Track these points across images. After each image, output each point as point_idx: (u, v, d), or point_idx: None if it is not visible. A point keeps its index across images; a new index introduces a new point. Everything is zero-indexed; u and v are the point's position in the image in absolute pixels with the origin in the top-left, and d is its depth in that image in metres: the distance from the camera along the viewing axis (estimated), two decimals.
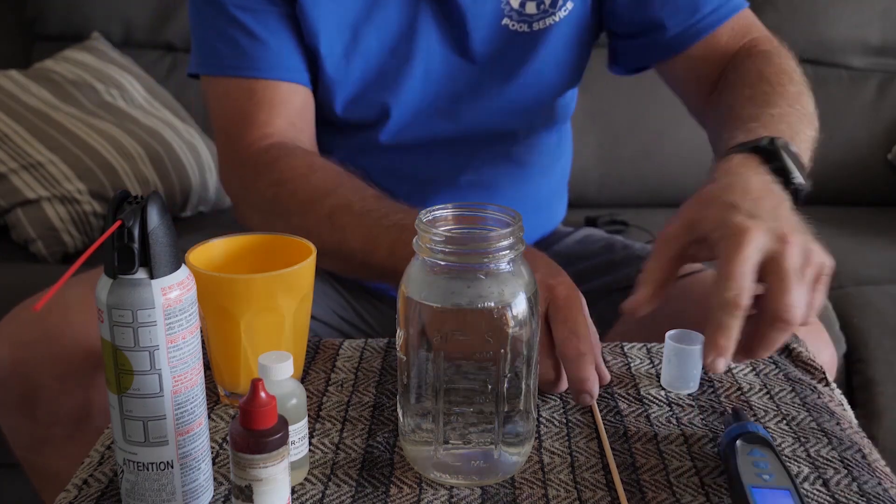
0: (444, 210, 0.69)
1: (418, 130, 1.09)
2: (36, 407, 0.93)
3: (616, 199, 2.03)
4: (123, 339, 0.60)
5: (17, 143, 1.71)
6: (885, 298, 1.53)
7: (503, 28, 1.04)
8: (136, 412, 0.62)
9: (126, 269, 0.59)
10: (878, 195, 2.01)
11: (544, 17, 1.05)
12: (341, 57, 1.03)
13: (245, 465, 0.59)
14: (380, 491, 0.68)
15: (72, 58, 1.92)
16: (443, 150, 1.11)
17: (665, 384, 0.83)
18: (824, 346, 0.97)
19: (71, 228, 1.67)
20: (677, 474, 0.70)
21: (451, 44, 1.05)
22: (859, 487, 0.68)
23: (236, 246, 0.81)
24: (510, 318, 0.65)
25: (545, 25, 1.05)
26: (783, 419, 0.78)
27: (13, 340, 0.93)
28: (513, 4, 1.03)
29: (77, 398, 0.92)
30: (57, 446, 0.93)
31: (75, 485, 0.69)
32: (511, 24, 1.04)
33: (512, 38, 1.05)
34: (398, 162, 1.10)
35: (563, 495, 0.68)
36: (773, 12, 2.01)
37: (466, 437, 0.68)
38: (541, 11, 1.04)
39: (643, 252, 1.15)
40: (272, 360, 0.67)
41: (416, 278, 0.67)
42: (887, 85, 2.01)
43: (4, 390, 0.94)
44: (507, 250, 0.65)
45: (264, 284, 0.74)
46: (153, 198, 0.60)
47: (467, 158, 1.12)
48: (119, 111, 1.83)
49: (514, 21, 1.04)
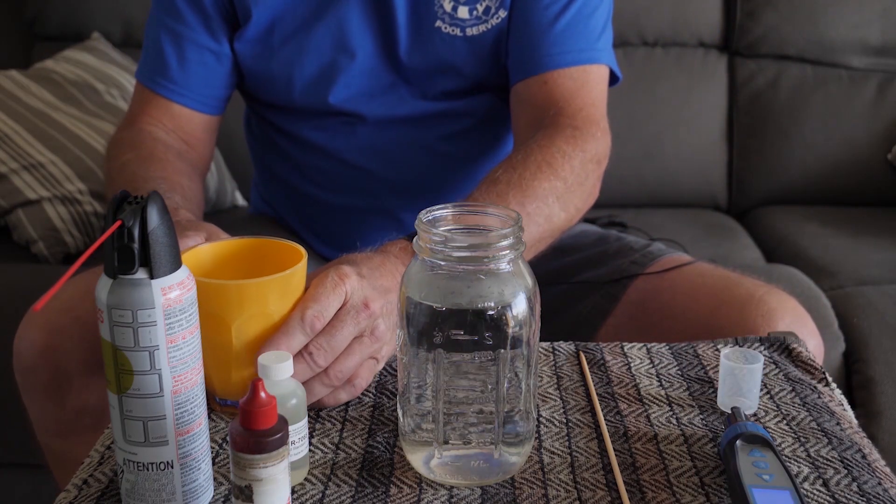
0: (443, 210, 0.69)
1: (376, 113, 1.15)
2: (65, 394, 0.94)
3: (616, 200, 2.02)
4: (123, 339, 0.60)
5: (17, 144, 1.71)
6: (885, 298, 1.53)
7: (436, 30, 1.10)
8: (136, 412, 0.62)
9: (126, 269, 0.59)
10: (878, 195, 2.01)
11: (477, 23, 1.09)
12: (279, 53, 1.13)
13: (245, 465, 0.59)
14: (380, 491, 0.68)
15: (72, 58, 1.92)
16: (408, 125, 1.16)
17: (722, 405, 0.80)
18: (809, 335, 0.97)
19: (72, 229, 1.67)
20: (677, 474, 0.71)
21: (381, 42, 1.11)
22: (859, 487, 0.68)
23: (226, 251, 0.80)
24: (510, 318, 0.65)
25: (478, 32, 1.10)
26: (783, 419, 0.78)
27: (45, 327, 0.94)
28: (446, 8, 1.09)
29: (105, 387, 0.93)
30: (83, 434, 0.93)
31: (75, 485, 0.69)
32: (444, 28, 1.10)
33: (444, 39, 1.10)
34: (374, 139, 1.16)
35: (563, 495, 0.68)
36: (773, 12, 2.01)
37: (466, 438, 0.68)
38: (473, 17, 1.09)
39: (636, 244, 1.16)
40: (272, 360, 0.67)
41: (415, 278, 0.67)
42: (887, 85, 2.01)
43: (33, 376, 0.95)
44: (506, 250, 0.65)
45: (256, 290, 0.73)
46: (153, 198, 0.60)
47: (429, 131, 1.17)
48: (120, 111, 1.83)
49: (447, 24, 1.09)
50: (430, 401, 0.67)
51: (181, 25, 1.13)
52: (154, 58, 1.15)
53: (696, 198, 2.05)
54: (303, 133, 1.18)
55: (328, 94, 1.13)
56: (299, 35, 1.11)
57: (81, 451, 0.82)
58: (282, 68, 1.13)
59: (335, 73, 1.12)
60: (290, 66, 1.13)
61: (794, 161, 2.01)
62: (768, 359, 0.87)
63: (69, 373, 0.93)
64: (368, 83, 1.14)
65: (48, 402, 0.96)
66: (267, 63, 1.13)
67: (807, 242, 1.80)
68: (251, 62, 1.14)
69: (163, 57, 1.14)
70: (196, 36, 1.13)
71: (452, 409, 0.67)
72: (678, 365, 0.87)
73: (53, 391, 0.95)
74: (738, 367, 0.78)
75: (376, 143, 1.16)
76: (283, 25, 1.11)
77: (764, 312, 0.97)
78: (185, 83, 1.14)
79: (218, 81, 1.16)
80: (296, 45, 1.12)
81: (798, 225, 1.89)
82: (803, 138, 2.00)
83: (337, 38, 1.11)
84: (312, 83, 1.13)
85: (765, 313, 0.97)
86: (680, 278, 1.06)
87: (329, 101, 1.14)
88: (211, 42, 1.13)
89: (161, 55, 1.14)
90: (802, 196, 2.03)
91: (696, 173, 2.03)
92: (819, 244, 1.79)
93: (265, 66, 1.14)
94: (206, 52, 1.14)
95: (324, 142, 1.17)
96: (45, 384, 0.95)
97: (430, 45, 1.11)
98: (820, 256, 1.73)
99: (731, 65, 2.05)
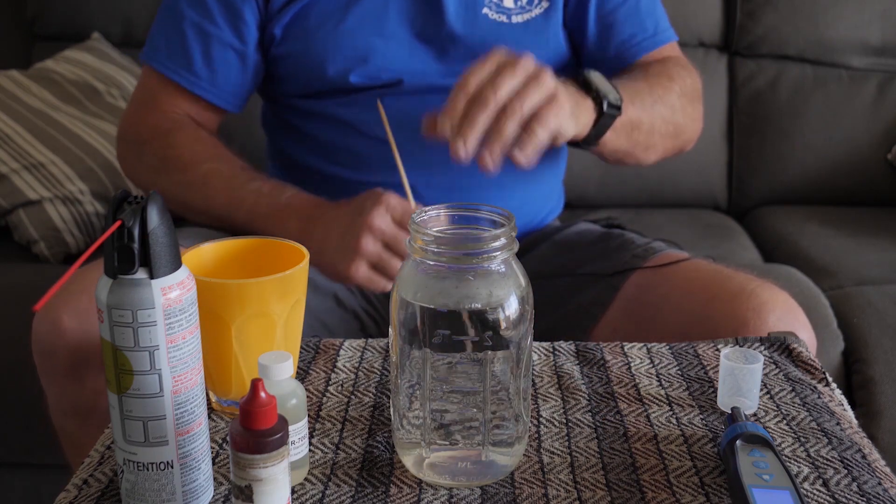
0: (436, 210, 0.69)
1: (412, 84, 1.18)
2: (84, 374, 0.95)
3: (616, 200, 2.03)
4: (123, 339, 0.60)
5: (18, 144, 1.71)
6: (885, 298, 1.53)
7: (483, 17, 1.15)
8: (136, 412, 0.62)
9: (126, 269, 0.59)
10: (878, 195, 2.01)
11: (521, 12, 1.15)
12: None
13: (245, 465, 0.59)
14: (380, 491, 0.68)
15: (72, 58, 1.92)
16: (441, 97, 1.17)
17: (722, 405, 0.80)
18: (802, 327, 0.97)
19: (73, 229, 1.67)
20: (677, 474, 0.71)
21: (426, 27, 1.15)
22: (859, 487, 0.68)
23: (227, 250, 0.80)
24: (502, 320, 0.65)
25: (523, 20, 1.16)
26: (783, 419, 0.78)
27: (65, 308, 0.95)
28: None
29: None
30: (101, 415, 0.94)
31: (75, 485, 0.69)
32: (491, 14, 1.15)
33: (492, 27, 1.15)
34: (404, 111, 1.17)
35: (563, 495, 0.68)
36: (773, 12, 2.01)
37: (453, 439, 0.68)
38: (518, 6, 1.16)
39: (638, 240, 1.17)
40: (272, 360, 0.67)
41: (408, 278, 0.67)
42: (887, 85, 2.01)
43: (53, 357, 0.96)
44: (499, 251, 0.65)
45: (257, 289, 0.73)
46: (153, 198, 0.60)
47: None
48: (120, 111, 1.83)
49: (494, 12, 1.15)
50: (419, 401, 0.67)
51: (208, 22, 1.14)
52: (178, 49, 1.16)
53: (695, 198, 2.05)
54: (329, 110, 1.18)
55: (364, 74, 1.14)
56: (336, 16, 1.13)
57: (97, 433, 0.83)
58: (317, 51, 1.14)
59: (372, 56, 1.14)
60: (325, 49, 1.14)
61: (794, 161, 2.01)
62: (768, 359, 0.87)
63: (89, 354, 0.94)
64: (406, 63, 1.15)
65: (68, 382, 0.97)
66: (303, 45, 1.14)
67: (806, 242, 1.80)
68: (285, 46, 1.15)
69: (187, 51, 1.15)
70: (222, 34, 1.14)
71: (442, 409, 0.67)
72: (678, 365, 0.87)
73: (73, 372, 0.96)
74: (738, 367, 0.78)
75: (406, 115, 1.16)
76: (319, 7, 1.13)
77: (755, 305, 0.98)
78: (211, 79, 1.16)
79: (244, 79, 1.18)
80: (332, 27, 1.13)
81: (798, 225, 1.89)
82: (803, 138, 2.00)
83: (376, 21, 1.13)
84: (347, 65, 1.14)
85: (756, 306, 0.97)
86: (674, 274, 1.07)
87: (364, 79, 1.15)
88: (237, 42, 1.15)
89: (186, 49, 1.15)
90: (802, 196, 2.02)
91: (696, 173, 2.03)
92: (819, 244, 1.78)
93: (301, 49, 1.15)
94: (230, 51, 1.15)
95: (351, 117, 1.17)
96: (65, 365, 0.96)
97: (477, 30, 1.14)
98: (819, 256, 1.73)
99: (731, 65, 2.05)
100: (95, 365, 0.94)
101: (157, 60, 1.18)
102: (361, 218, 0.99)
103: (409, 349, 0.66)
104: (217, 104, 1.18)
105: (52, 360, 0.97)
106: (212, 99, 1.18)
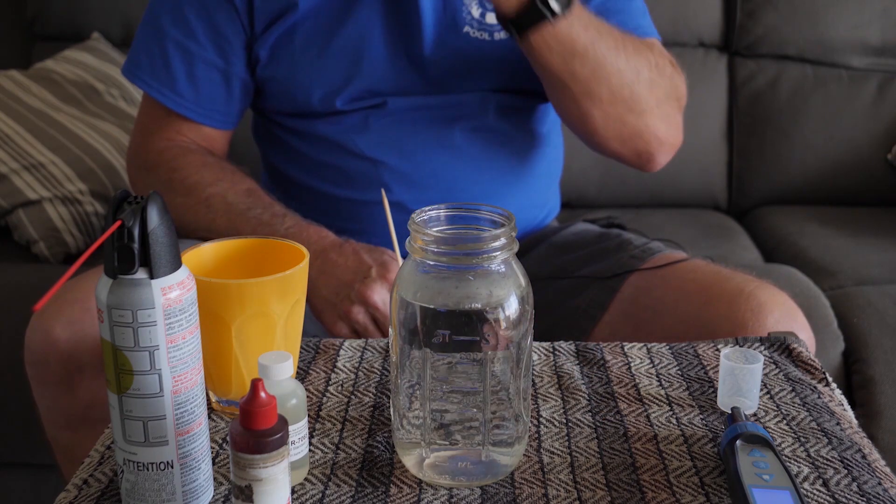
0: (436, 210, 0.69)
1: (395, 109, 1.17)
2: (77, 385, 0.95)
3: (616, 200, 2.03)
4: (123, 339, 0.60)
5: (18, 144, 1.71)
6: (885, 298, 1.53)
7: (465, 35, 1.13)
8: (136, 412, 0.62)
9: (126, 269, 0.59)
10: (878, 195, 2.00)
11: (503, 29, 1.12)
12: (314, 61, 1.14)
13: (245, 465, 0.59)
14: (380, 491, 0.68)
15: (72, 58, 1.92)
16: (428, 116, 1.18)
17: (722, 405, 0.80)
18: (800, 328, 0.98)
19: (73, 229, 1.67)
20: (677, 474, 0.71)
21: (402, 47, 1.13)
22: (859, 487, 0.68)
23: (227, 250, 0.80)
24: (502, 320, 0.65)
25: (505, 36, 1.12)
26: (783, 419, 0.78)
27: (58, 318, 0.95)
28: (474, 14, 1.12)
29: None
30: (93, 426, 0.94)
31: (75, 485, 0.69)
32: (472, 33, 1.13)
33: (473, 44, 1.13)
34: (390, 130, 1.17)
35: (563, 495, 0.68)
36: (773, 12, 2.01)
37: (453, 439, 0.68)
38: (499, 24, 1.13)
39: (636, 241, 1.16)
40: (272, 360, 0.67)
41: (408, 278, 0.67)
42: (887, 85, 2.01)
43: (45, 367, 0.96)
44: (499, 251, 0.65)
45: (257, 289, 0.73)
46: (153, 198, 0.60)
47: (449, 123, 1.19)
48: (120, 111, 1.83)
49: (475, 30, 1.13)
50: (419, 401, 0.67)
51: (191, 41, 1.13)
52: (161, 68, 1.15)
53: (695, 198, 2.05)
54: (316, 129, 1.18)
55: (349, 97, 1.14)
56: (319, 40, 1.12)
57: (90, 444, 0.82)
58: (302, 78, 1.13)
59: (357, 79, 1.13)
60: (309, 77, 1.13)
61: (794, 161, 2.01)
62: (768, 359, 0.87)
63: (82, 364, 0.94)
64: (390, 84, 1.14)
65: (59, 393, 0.97)
66: (288, 70, 1.14)
67: (806, 242, 1.80)
68: (271, 69, 1.14)
69: (170, 70, 1.14)
70: (206, 53, 1.14)
71: (442, 409, 0.67)
72: (678, 365, 0.87)
73: (65, 382, 0.96)
74: (738, 367, 0.78)
75: (393, 134, 1.16)
76: (303, 28, 1.12)
77: (754, 307, 0.98)
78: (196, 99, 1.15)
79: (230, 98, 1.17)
80: (315, 54, 1.12)
81: (798, 225, 1.89)
82: (803, 138, 2.00)
83: (359, 44, 1.12)
84: (333, 90, 1.14)
85: (755, 308, 0.97)
86: (672, 275, 1.07)
87: (349, 103, 1.14)
88: (220, 61, 1.14)
89: (169, 67, 1.14)
90: (802, 196, 2.02)
91: (696, 173, 2.03)
92: (819, 244, 1.78)
93: (286, 74, 1.14)
94: (213, 70, 1.14)
95: (338, 136, 1.17)
96: (57, 375, 0.95)
97: (458, 49, 1.13)
98: (820, 256, 1.73)
99: (731, 65, 2.05)
100: (87, 375, 0.94)
101: (139, 78, 1.17)
102: (361, 286, 0.99)
103: (409, 349, 0.66)
104: (205, 123, 1.17)
105: (44, 369, 0.96)
106: (198, 118, 1.16)
